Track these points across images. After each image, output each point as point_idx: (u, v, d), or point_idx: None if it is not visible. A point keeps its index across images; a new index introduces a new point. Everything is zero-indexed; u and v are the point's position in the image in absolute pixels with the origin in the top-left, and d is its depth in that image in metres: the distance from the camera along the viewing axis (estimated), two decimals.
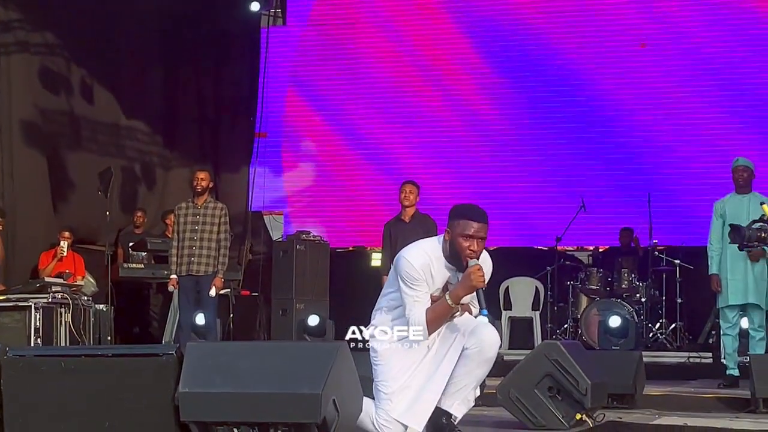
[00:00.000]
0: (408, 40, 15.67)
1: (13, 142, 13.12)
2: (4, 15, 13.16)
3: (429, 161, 15.14)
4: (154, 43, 15.52)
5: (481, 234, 5.52)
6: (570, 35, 15.12)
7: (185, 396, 4.71)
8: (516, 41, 15.25)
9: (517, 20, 15.28)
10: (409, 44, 15.65)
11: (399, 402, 5.60)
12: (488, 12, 15.40)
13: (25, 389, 4.94)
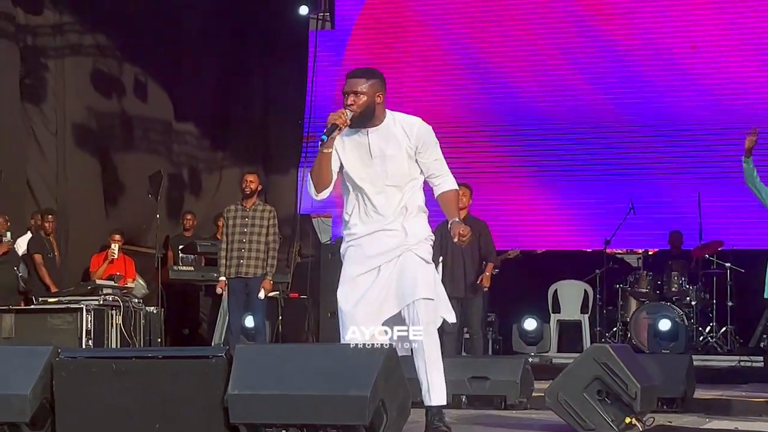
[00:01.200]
0: (455, 43, 15.65)
1: (66, 145, 13.26)
2: (57, 18, 13.31)
3: (478, 164, 15.10)
4: (206, 47, 15.62)
5: (354, 88, 5.92)
6: (618, 36, 15.04)
7: (234, 398, 4.74)
8: (565, 42, 15.19)
9: (566, 21, 15.22)
10: (456, 47, 15.64)
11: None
12: (534, 14, 15.36)
13: (76, 391, 4.98)
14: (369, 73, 6.13)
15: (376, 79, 6.06)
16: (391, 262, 5.88)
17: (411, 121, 6.12)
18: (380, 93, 6.05)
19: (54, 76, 13.31)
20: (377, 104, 6.02)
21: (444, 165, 6.08)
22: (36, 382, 4.94)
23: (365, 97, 5.95)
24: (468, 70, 15.57)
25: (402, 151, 6.00)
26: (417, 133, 6.04)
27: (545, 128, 15.17)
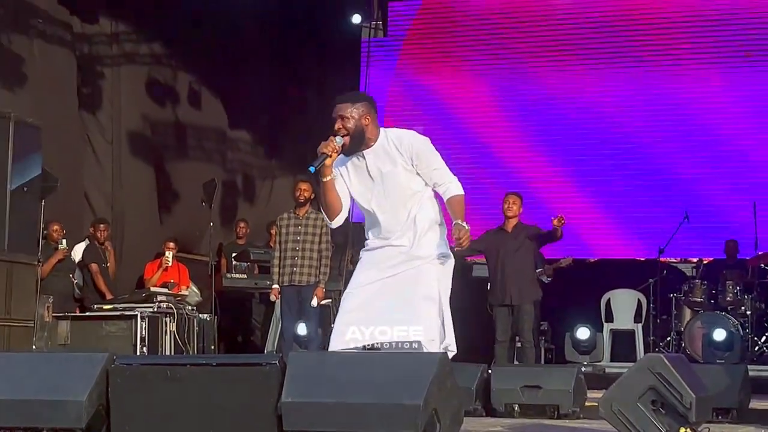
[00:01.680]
0: (509, 49, 15.63)
1: (121, 153, 13.39)
2: (113, 28, 13.44)
3: (532, 172, 15.06)
4: (259, 55, 15.72)
5: (339, 113, 6.02)
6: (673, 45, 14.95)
7: (288, 406, 4.75)
8: (620, 50, 15.12)
9: (618, 30, 15.16)
10: (510, 54, 15.61)
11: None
12: (587, 23, 15.30)
13: (131, 397, 5.02)
14: (354, 96, 6.20)
15: (361, 102, 6.09)
16: (398, 276, 5.94)
17: (401, 135, 6.11)
18: (367, 115, 6.06)
19: (110, 84, 13.44)
20: (366, 126, 6.04)
21: (445, 173, 6.05)
22: (92, 388, 4.98)
23: (352, 121, 6.01)
24: (520, 77, 15.53)
25: (397, 167, 6.02)
26: (407, 146, 6.03)
27: (599, 136, 15.10)
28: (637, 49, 15.10)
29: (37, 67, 12.19)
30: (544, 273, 12.50)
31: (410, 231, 6.01)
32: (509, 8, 15.74)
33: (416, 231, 6.00)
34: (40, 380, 5.08)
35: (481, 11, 15.89)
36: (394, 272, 5.95)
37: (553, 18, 15.49)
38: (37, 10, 12.32)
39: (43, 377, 5.09)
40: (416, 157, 6.00)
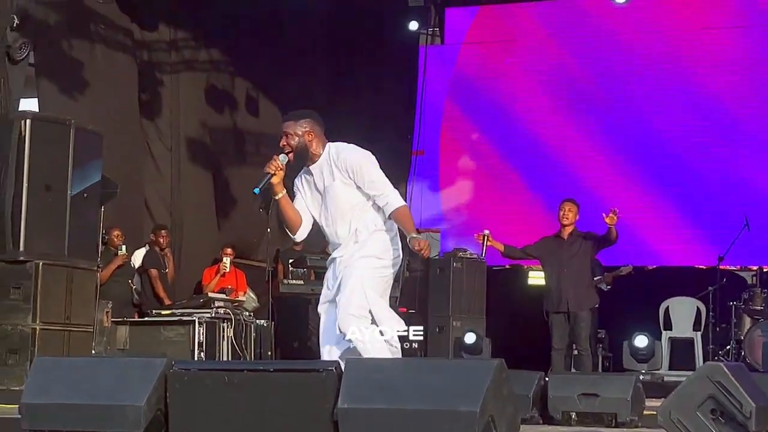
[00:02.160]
0: (566, 57, 15.57)
1: (181, 159, 13.49)
2: (172, 35, 13.55)
3: (588, 179, 14.99)
4: (316, 62, 15.78)
5: (284, 130, 6.39)
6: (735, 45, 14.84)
7: (344, 412, 4.76)
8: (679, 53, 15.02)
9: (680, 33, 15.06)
10: (567, 61, 15.56)
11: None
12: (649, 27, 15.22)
13: (189, 402, 5.05)
14: (298, 114, 6.54)
15: (305, 119, 6.44)
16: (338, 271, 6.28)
17: (339, 150, 6.39)
18: (311, 131, 6.38)
19: (169, 91, 13.56)
20: (309, 142, 6.34)
21: (381, 185, 6.27)
22: (150, 393, 5.02)
23: (296, 138, 6.34)
24: (577, 82, 15.46)
25: (336, 180, 6.28)
26: (343, 160, 6.30)
27: (658, 143, 15.00)
28: (697, 51, 14.98)
29: (99, 74, 12.32)
30: (603, 281, 12.44)
31: (351, 242, 6.24)
32: (568, 15, 15.68)
33: (357, 242, 6.23)
34: (99, 385, 5.13)
35: (540, 18, 15.84)
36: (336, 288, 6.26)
37: (612, 24, 15.41)
38: (99, 17, 12.45)
39: (102, 382, 5.14)
40: (352, 171, 6.26)
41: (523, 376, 8.00)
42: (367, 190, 6.27)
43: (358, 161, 6.32)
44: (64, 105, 11.72)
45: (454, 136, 16.11)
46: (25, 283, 10.28)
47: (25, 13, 11.32)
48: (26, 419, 5.16)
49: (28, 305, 10.24)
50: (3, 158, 10.35)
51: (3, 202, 10.30)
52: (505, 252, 11.02)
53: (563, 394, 7.92)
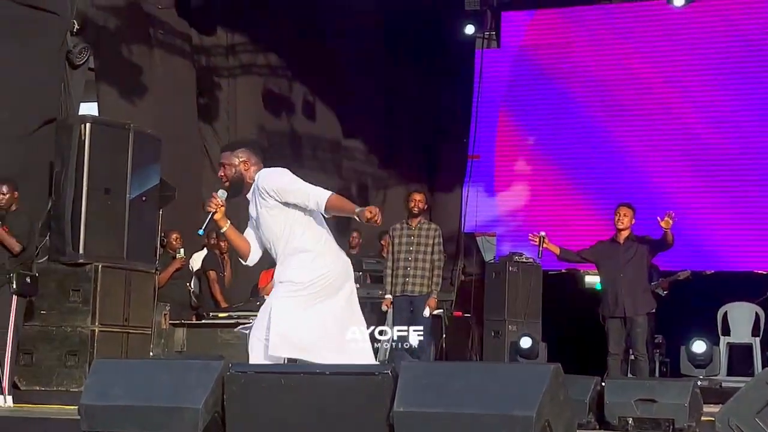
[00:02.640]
0: (623, 60, 15.48)
1: None
2: (229, 39, 13.64)
3: (644, 183, 14.90)
4: (372, 66, 15.82)
5: (221, 160, 6.53)
6: None
7: (400, 415, 4.77)
8: (734, 60, 14.89)
9: (737, 39, 14.93)
10: (624, 65, 15.47)
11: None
12: (707, 34, 15.10)
13: (246, 404, 5.09)
14: (235, 144, 6.89)
15: (240, 148, 6.56)
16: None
17: (258, 177, 6.47)
18: (246, 161, 6.48)
19: (226, 95, 13.64)
20: (245, 171, 6.45)
21: (304, 191, 6.36)
22: (208, 395, 5.06)
23: (232, 168, 6.46)
24: (634, 88, 15.37)
25: (262, 208, 6.41)
26: (262, 188, 6.40)
27: (711, 149, 14.88)
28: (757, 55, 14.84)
29: (157, 78, 12.43)
30: (659, 286, 12.34)
31: (281, 264, 6.40)
32: (625, 18, 15.60)
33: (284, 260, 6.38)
34: (157, 387, 5.17)
35: (597, 21, 15.77)
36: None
37: (670, 27, 15.30)
38: (158, 22, 12.56)
39: (160, 384, 5.19)
40: (275, 192, 6.34)
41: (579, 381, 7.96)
42: (295, 200, 6.33)
43: (275, 181, 6.41)
44: (124, 109, 11.84)
45: (510, 140, 16.08)
46: (85, 286, 10.40)
47: (86, 18, 11.45)
48: (85, 421, 5.22)
49: (88, 307, 10.36)
50: (63, 162, 10.49)
51: (63, 206, 10.43)
52: (561, 255, 10.97)
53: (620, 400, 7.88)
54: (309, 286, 6.30)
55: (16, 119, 10.60)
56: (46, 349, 10.40)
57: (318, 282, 6.32)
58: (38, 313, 10.42)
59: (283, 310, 6.26)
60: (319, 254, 6.39)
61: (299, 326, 6.25)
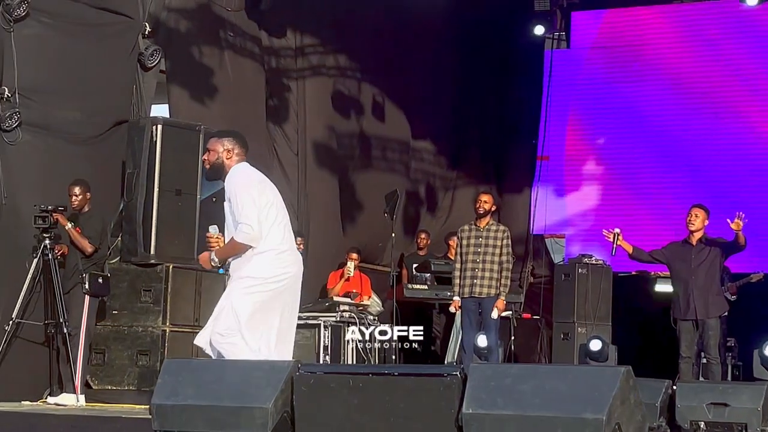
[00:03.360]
0: (694, 60, 15.33)
1: (307, 164, 13.61)
2: (299, 41, 13.68)
3: (717, 185, 14.73)
4: (442, 67, 15.80)
5: (208, 146, 6.88)
6: None
7: (469, 417, 4.76)
8: None
9: None
10: (695, 65, 15.31)
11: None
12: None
13: (315, 404, 5.11)
14: (223, 132, 7.08)
15: (228, 137, 6.88)
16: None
17: (231, 172, 6.79)
18: (230, 149, 6.80)
19: (296, 96, 13.69)
20: (227, 159, 6.77)
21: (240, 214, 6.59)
22: (277, 395, 5.09)
23: (215, 154, 6.79)
24: (704, 88, 15.20)
25: (227, 201, 6.73)
26: (228, 182, 6.76)
27: None
28: None
29: (228, 80, 12.50)
30: (727, 290, 12.19)
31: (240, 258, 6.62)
32: (696, 18, 15.44)
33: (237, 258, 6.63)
34: (227, 387, 5.22)
35: (667, 21, 15.63)
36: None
37: (742, 26, 15.12)
38: (228, 24, 12.64)
39: (230, 384, 5.23)
40: (231, 193, 6.68)
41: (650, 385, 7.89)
42: (234, 212, 6.62)
43: (235, 184, 6.69)
44: (194, 111, 11.93)
45: (580, 141, 15.98)
46: (156, 286, 10.52)
47: (157, 20, 11.56)
48: (156, 420, 5.27)
49: (159, 307, 10.47)
50: (135, 163, 10.60)
51: (135, 207, 10.55)
52: (633, 254, 10.88)
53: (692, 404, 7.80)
54: (271, 282, 6.60)
55: (88, 121, 10.73)
56: (117, 348, 10.53)
57: (279, 280, 6.64)
58: (110, 313, 10.55)
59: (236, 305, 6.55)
60: (281, 253, 6.67)
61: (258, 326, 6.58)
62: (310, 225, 13.60)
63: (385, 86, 14.86)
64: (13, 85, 9.97)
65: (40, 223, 9.61)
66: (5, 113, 9.87)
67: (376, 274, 13.92)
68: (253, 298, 6.56)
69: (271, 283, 6.61)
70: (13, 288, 9.67)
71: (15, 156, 10.04)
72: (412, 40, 15.14)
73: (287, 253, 6.71)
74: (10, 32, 9.95)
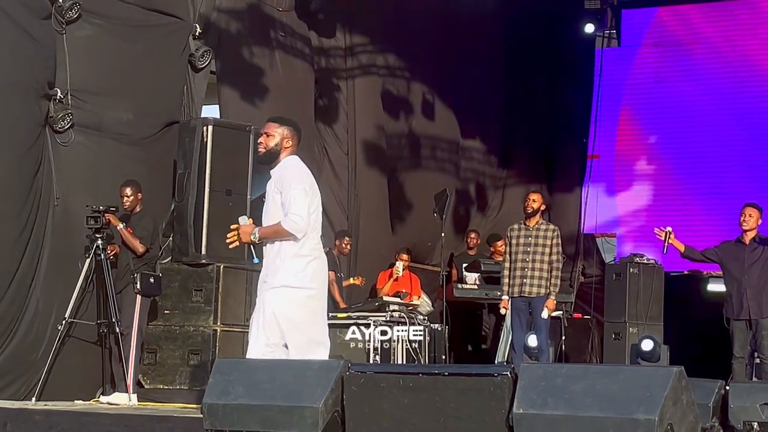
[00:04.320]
0: (747, 58, 15.18)
1: (357, 162, 13.63)
2: (349, 41, 13.71)
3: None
4: (491, 66, 15.78)
5: (265, 129, 6.79)
6: None
7: (520, 417, 4.75)
8: None
9: None
10: (747, 62, 15.16)
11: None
12: None
13: (365, 403, 5.11)
14: (284, 119, 6.91)
15: (288, 126, 6.80)
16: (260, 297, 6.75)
17: (286, 163, 6.75)
18: (289, 138, 6.73)
19: (345, 96, 13.71)
20: (284, 148, 6.70)
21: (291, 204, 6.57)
22: (328, 395, 5.10)
23: (273, 139, 6.73)
24: (757, 85, 15.05)
25: (270, 193, 6.72)
26: (278, 173, 6.70)
27: None
28: None
29: (278, 80, 12.54)
30: None
31: (277, 257, 6.63)
32: (748, 15, 15.29)
33: (280, 258, 6.62)
34: (277, 386, 5.23)
35: (720, 18, 15.49)
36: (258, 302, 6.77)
37: None
38: (279, 24, 12.68)
39: (280, 383, 5.24)
40: (281, 183, 6.64)
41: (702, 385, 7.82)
42: (284, 202, 6.59)
43: (291, 176, 6.65)
44: (245, 111, 11.98)
45: (630, 140, 15.87)
46: (207, 286, 10.57)
47: (207, 21, 11.62)
48: (207, 419, 5.30)
49: (210, 307, 10.53)
50: (186, 164, 10.67)
51: (186, 207, 10.61)
52: (685, 253, 10.81)
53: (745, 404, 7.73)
54: (307, 289, 6.66)
55: (140, 122, 10.81)
56: (169, 348, 10.59)
57: (311, 286, 6.67)
58: (162, 312, 10.62)
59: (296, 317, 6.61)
60: (314, 260, 6.71)
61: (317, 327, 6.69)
62: (360, 225, 13.62)
63: (434, 85, 14.85)
64: (65, 87, 10.07)
65: (92, 223, 9.70)
66: (58, 114, 9.97)
67: (426, 273, 13.92)
68: (294, 306, 6.65)
69: (308, 290, 6.69)
70: (66, 288, 9.76)
71: (67, 157, 10.13)
72: (461, 38, 15.12)
73: (320, 260, 6.79)
74: (62, 34, 10.06)
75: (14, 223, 9.59)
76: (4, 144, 9.56)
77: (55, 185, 9.99)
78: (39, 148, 9.84)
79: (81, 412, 8.54)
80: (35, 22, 9.80)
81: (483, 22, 15.28)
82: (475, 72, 15.42)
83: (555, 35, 16.05)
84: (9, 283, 9.51)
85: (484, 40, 15.57)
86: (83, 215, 9.79)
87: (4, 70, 9.52)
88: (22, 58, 9.69)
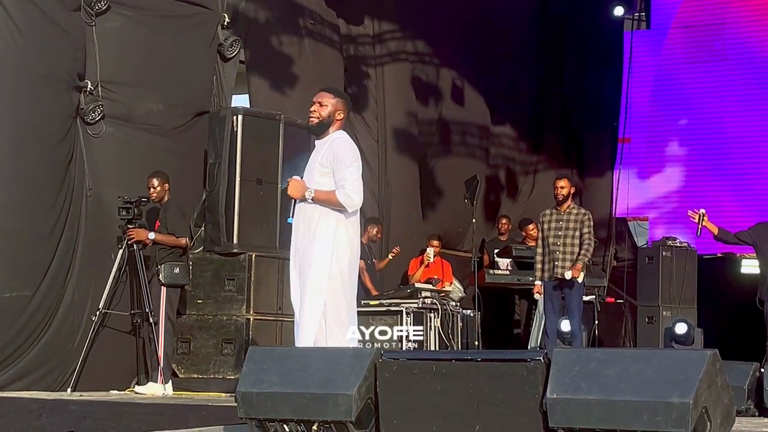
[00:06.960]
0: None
1: (387, 149, 13.63)
2: (377, 28, 13.70)
3: None
4: (520, 50, 15.73)
5: (318, 99, 6.64)
6: None
7: (554, 402, 4.74)
8: None
9: None
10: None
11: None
12: None
13: (398, 390, 5.11)
14: (339, 91, 6.93)
15: (342, 98, 6.74)
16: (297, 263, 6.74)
17: (338, 137, 6.63)
18: (342, 110, 6.64)
19: (374, 83, 13.71)
20: (336, 120, 6.61)
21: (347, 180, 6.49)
22: (361, 382, 5.10)
23: (326, 109, 6.61)
24: None
25: (316, 164, 6.60)
26: (331, 147, 6.56)
27: None
28: None
29: (307, 69, 12.54)
30: None
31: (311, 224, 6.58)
32: None
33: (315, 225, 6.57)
34: (311, 374, 5.24)
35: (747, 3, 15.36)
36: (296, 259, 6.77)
37: None
38: (307, 12, 12.68)
39: (314, 371, 5.25)
40: (334, 159, 6.52)
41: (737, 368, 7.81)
42: (337, 175, 6.51)
43: (340, 153, 6.55)
44: (274, 100, 11.99)
45: (662, 123, 15.79)
46: (239, 275, 10.60)
47: (236, 10, 11.63)
48: (242, 407, 5.32)
49: (242, 296, 10.56)
50: (216, 153, 10.70)
51: (217, 197, 10.64)
52: (718, 235, 10.76)
53: None
54: (341, 260, 6.62)
55: (170, 112, 10.84)
56: (202, 337, 10.64)
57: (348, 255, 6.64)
58: (194, 302, 10.65)
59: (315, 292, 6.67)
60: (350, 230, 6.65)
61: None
62: (391, 211, 13.62)
63: (463, 71, 14.83)
64: (95, 78, 10.11)
65: (124, 214, 9.74)
66: (88, 106, 10.01)
67: (458, 259, 13.90)
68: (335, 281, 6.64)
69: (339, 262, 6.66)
70: (100, 279, 9.82)
71: (99, 148, 10.18)
72: (489, 24, 15.08)
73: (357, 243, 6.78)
74: (92, 26, 10.09)
75: (48, 214, 9.64)
76: (37, 136, 9.61)
77: (87, 177, 10.04)
78: (71, 139, 9.89)
79: (116, 402, 8.59)
80: (65, 14, 9.84)
81: (512, 7, 15.23)
82: (504, 57, 15.38)
83: (584, 19, 15.98)
84: (44, 274, 9.57)
85: (512, 25, 15.52)
86: (115, 206, 9.83)
87: (35, 63, 9.57)
88: (53, 51, 9.73)
